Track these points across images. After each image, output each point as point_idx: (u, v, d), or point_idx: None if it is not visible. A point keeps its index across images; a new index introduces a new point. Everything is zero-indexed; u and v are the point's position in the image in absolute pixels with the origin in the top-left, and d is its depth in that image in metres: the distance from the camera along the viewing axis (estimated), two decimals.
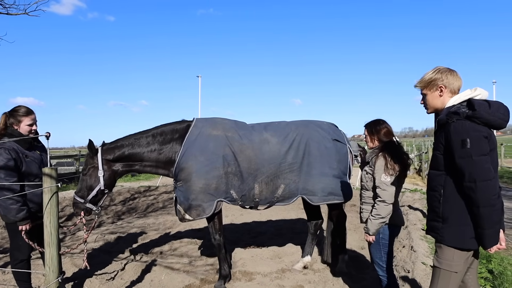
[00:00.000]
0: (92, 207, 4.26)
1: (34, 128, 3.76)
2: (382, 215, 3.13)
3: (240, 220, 8.28)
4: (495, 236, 2.23)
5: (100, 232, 7.19)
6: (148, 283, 4.65)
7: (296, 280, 4.61)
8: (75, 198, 4.27)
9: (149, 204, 10.75)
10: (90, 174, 4.28)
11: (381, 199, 3.13)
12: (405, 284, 4.15)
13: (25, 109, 3.74)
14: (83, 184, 4.29)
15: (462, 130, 2.22)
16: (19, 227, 3.53)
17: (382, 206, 3.13)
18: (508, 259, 5.16)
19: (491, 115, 2.22)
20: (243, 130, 4.62)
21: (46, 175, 2.80)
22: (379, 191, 3.14)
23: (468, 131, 2.21)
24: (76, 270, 4.99)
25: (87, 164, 4.34)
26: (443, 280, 2.39)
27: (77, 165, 17.34)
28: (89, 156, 4.32)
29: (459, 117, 2.26)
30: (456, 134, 2.24)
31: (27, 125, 3.70)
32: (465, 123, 2.24)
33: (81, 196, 4.25)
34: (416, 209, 8.30)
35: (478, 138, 2.20)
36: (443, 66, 2.50)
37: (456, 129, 2.25)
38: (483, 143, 2.21)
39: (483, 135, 2.21)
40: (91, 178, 4.27)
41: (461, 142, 2.21)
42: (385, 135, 3.32)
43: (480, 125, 2.23)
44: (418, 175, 16.61)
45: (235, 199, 4.48)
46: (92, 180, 4.27)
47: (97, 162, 4.27)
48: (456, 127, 2.25)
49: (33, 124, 3.76)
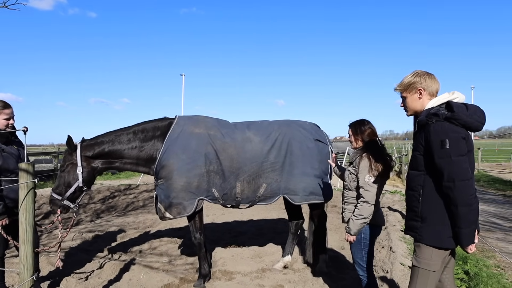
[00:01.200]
0: (69, 205, 4.18)
1: (11, 123, 3.68)
2: (365, 215, 3.15)
3: (221, 220, 8.25)
4: (472, 235, 2.29)
5: (78, 230, 7.05)
6: (126, 282, 4.57)
7: (276, 279, 4.61)
8: (52, 195, 4.18)
9: (129, 203, 10.60)
10: (69, 171, 4.19)
11: (364, 200, 3.15)
12: (383, 284, 4.21)
13: (1, 103, 3.65)
14: (61, 180, 4.20)
15: (441, 131, 2.28)
16: None
17: (365, 206, 3.15)
18: (483, 260, 5.29)
19: (468, 117, 2.29)
20: (226, 128, 4.60)
21: (22, 170, 2.72)
22: (363, 192, 3.16)
23: (447, 132, 2.26)
24: (52, 269, 4.87)
25: (65, 160, 4.25)
26: (421, 279, 2.44)
27: (56, 163, 16.93)
28: (68, 153, 4.24)
29: (438, 118, 2.32)
30: (435, 134, 2.29)
31: (4, 119, 3.62)
32: (444, 124, 2.29)
33: (58, 193, 4.16)
34: (395, 211, 8.43)
35: (456, 139, 2.25)
36: (422, 70, 2.58)
37: (435, 130, 2.30)
38: (462, 144, 2.27)
39: (461, 136, 2.27)
40: (69, 175, 4.18)
41: (440, 143, 2.26)
42: (369, 136, 3.35)
43: (458, 126, 2.29)
44: (398, 177, 16.87)
45: (216, 198, 4.45)
46: (70, 177, 4.18)
47: (76, 159, 4.19)
48: (436, 128, 2.31)
49: (10, 118, 3.67)
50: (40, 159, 20.76)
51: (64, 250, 5.69)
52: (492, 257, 5.65)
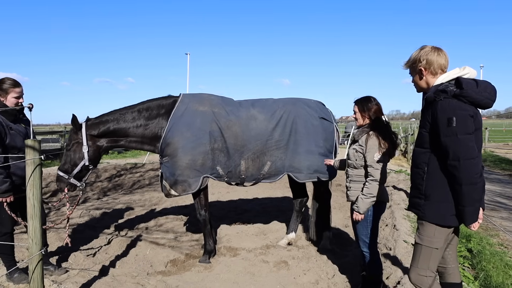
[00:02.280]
0: (76, 183, 4.24)
1: (20, 101, 3.73)
2: (374, 194, 3.15)
3: (226, 198, 8.32)
4: (475, 213, 2.28)
5: (85, 207, 7.16)
6: (133, 257, 4.66)
7: (280, 256, 4.68)
8: (58, 173, 4.22)
9: (135, 181, 10.71)
10: (74, 150, 4.23)
11: (373, 178, 3.14)
12: (386, 260, 4.25)
13: (12, 81, 3.69)
14: (67, 159, 4.24)
15: (449, 109, 2.23)
16: (1, 199, 3.48)
17: (375, 185, 3.15)
18: (486, 238, 5.31)
19: (478, 94, 2.22)
20: (230, 106, 4.59)
21: (29, 147, 2.74)
22: (372, 170, 3.15)
23: (455, 109, 2.22)
24: (61, 244, 4.96)
25: (71, 139, 4.28)
26: (424, 256, 2.44)
27: (62, 142, 17.05)
28: (73, 132, 4.27)
29: (446, 95, 2.26)
30: (442, 112, 2.24)
31: (14, 97, 3.67)
32: (452, 101, 2.24)
33: (65, 171, 4.21)
34: (400, 190, 8.43)
35: (464, 117, 2.20)
36: (429, 46, 2.47)
37: (443, 107, 2.25)
38: (469, 122, 2.22)
39: (469, 114, 2.22)
40: (75, 154, 4.22)
41: (447, 121, 2.21)
42: (375, 113, 3.30)
43: (467, 104, 2.23)
44: (404, 156, 16.82)
45: (221, 175, 4.48)
46: (76, 156, 4.22)
47: (81, 138, 4.21)
48: (443, 105, 2.26)
49: (20, 97, 3.72)
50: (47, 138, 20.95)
51: (72, 226, 5.79)
52: (495, 236, 5.67)
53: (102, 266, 4.31)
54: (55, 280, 3.69)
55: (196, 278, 4.09)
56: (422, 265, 2.44)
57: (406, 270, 3.85)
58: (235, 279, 4.03)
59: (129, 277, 4.03)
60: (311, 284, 3.92)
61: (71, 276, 3.94)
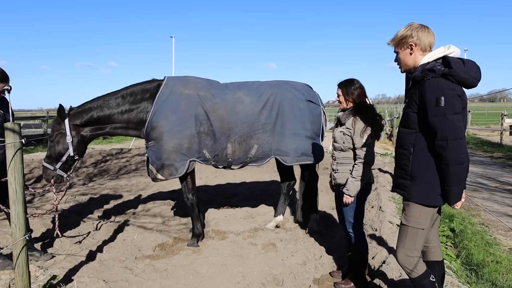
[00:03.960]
0: (62, 174, 4.18)
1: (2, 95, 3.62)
2: (363, 176, 3.18)
3: (214, 182, 8.32)
4: (460, 193, 2.30)
5: (71, 193, 7.07)
6: (120, 242, 4.64)
7: (268, 238, 4.72)
8: (44, 165, 4.16)
9: (122, 166, 10.61)
10: (58, 141, 4.15)
11: (362, 161, 3.16)
12: (372, 241, 4.33)
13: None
14: (52, 151, 4.17)
15: (437, 88, 2.21)
16: None
17: (364, 167, 3.17)
18: (468, 218, 5.45)
19: (465, 74, 2.21)
20: (216, 89, 4.54)
21: (8, 129, 2.66)
22: (360, 153, 3.16)
23: (443, 89, 2.20)
24: (45, 229, 4.91)
25: (54, 130, 4.19)
26: (411, 237, 2.46)
27: (45, 127, 16.78)
28: (56, 122, 4.17)
29: (434, 74, 2.25)
30: (431, 91, 2.22)
31: None
32: (440, 81, 2.23)
33: (50, 163, 4.14)
34: (386, 172, 8.56)
35: (452, 97, 2.19)
36: (416, 23, 2.45)
37: (431, 87, 2.23)
38: (457, 102, 2.21)
39: (457, 93, 2.21)
40: (59, 145, 4.15)
41: (435, 100, 2.20)
42: (359, 96, 3.29)
43: (454, 83, 2.23)
44: (389, 140, 17.03)
45: (208, 159, 4.46)
46: (60, 147, 4.15)
47: (64, 128, 4.13)
48: (431, 84, 2.24)
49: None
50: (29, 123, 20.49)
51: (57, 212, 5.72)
52: (477, 215, 5.82)
53: (89, 251, 4.28)
54: (41, 265, 3.66)
55: (185, 261, 4.10)
56: (409, 245, 2.46)
57: (391, 250, 3.93)
58: (223, 262, 4.05)
59: (117, 261, 4.01)
60: (299, 265, 3.97)
61: (58, 262, 3.91)
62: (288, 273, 3.79)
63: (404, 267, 2.50)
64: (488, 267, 3.68)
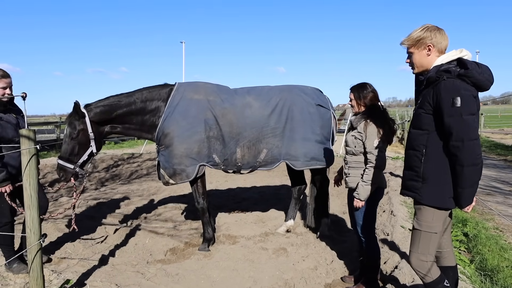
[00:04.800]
0: (81, 172, 4.20)
1: (7, 92, 3.64)
2: (374, 180, 3.16)
3: (224, 186, 8.33)
4: (472, 195, 2.28)
5: (83, 198, 7.15)
6: (132, 246, 4.68)
7: (279, 243, 4.71)
8: (62, 164, 4.12)
9: (133, 171, 10.70)
10: (80, 138, 4.14)
11: (373, 165, 3.15)
12: (384, 246, 4.29)
13: (1, 72, 3.62)
14: (72, 148, 4.14)
15: (453, 89, 2.20)
16: (0, 189, 3.47)
17: (375, 171, 3.15)
18: (482, 223, 5.37)
19: (480, 75, 2.21)
20: (225, 94, 4.57)
21: (24, 136, 2.72)
22: (371, 157, 3.14)
23: (459, 89, 2.19)
24: (60, 234, 4.97)
25: (74, 127, 4.15)
26: (424, 241, 2.43)
27: (58, 132, 17.02)
28: (75, 119, 4.15)
29: (450, 75, 2.24)
30: (446, 92, 2.22)
31: (1, 87, 3.58)
32: (456, 81, 2.22)
33: (69, 161, 4.12)
34: (397, 176, 8.48)
35: (468, 97, 2.19)
36: (432, 24, 2.44)
37: (446, 87, 2.22)
38: (472, 103, 2.20)
39: (472, 94, 2.21)
40: (81, 143, 4.15)
41: (451, 101, 2.19)
42: (371, 100, 3.28)
43: (469, 84, 2.22)
44: (400, 143, 16.86)
45: (217, 163, 4.49)
46: (82, 144, 4.15)
47: (86, 125, 4.14)
48: (447, 85, 2.23)
49: (7, 87, 3.63)
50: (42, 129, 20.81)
51: (70, 216, 5.78)
52: (491, 220, 5.73)
53: (102, 255, 4.32)
54: (54, 269, 3.71)
55: (196, 266, 4.12)
56: (422, 250, 2.43)
57: (403, 255, 3.89)
58: (234, 267, 4.06)
59: (129, 265, 4.05)
60: (310, 270, 3.95)
61: (71, 266, 3.96)
62: (299, 278, 3.78)
63: (417, 271, 2.48)
64: (503, 273, 3.61)
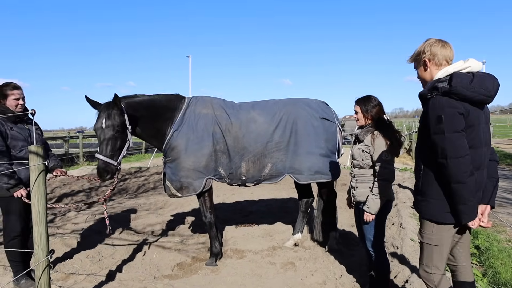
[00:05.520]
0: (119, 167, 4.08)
1: (21, 103, 3.78)
2: (384, 193, 3.14)
3: (231, 200, 8.31)
4: (469, 211, 2.24)
5: (90, 212, 7.16)
6: (139, 261, 4.66)
7: (287, 257, 4.66)
8: (106, 161, 3.89)
9: (140, 185, 10.72)
10: (122, 132, 4.00)
11: (383, 177, 3.13)
12: (394, 259, 4.23)
13: (12, 84, 3.78)
14: (115, 143, 3.95)
15: (438, 106, 2.22)
16: (16, 194, 3.55)
17: (384, 184, 3.13)
18: (494, 235, 5.27)
19: (469, 91, 2.18)
20: (231, 109, 4.62)
21: (32, 152, 2.74)
22: (380, 170, 3.13)
23: (443, 107, 2.20)
24: (67, 250, 4.97)
25: (116, 120, 3.94)
26: (426, 253, 2.47)
27: (66, 147, 17.19)
28: (116, 112, 3.95)
29: (437, 92, 2.25)
30: (433, 110, 2.25)
31: (14, 99, 3.72)
32: (442, 99, 2.22)
33: (111, 156, 3.91)
34: (405, 188, 8.41)
35: (452, 115, 2.19)
36: (433, 38, 2.45)
37: (433, 105, 2.25)
38: (457, 120, 2.19)
39: (458, 111, 2.19)
40: (123, 136, 4.02)
41: (436, 118, 2.21)
42: (377, 113, 3.28)
43: (458, 101, 2.20)
44: (408, 154, 16.75)
45: (223, 177, 4.52)
46: (124, 138, 4.03)
47: (125, 119, 4.03)
48: (434, 102, 2.25)
49: (19, 98, 3.76)
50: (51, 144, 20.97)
51: (78, 232, 5.80)
52: (503, 232, 5.63)
53: (109, 271, 4.31)
54: (62, 285, 3.70)
55: (203, 281, 4.08)
56: (427, 262, 2.46)
57: (413, 269, 3.82)
58: (242, 282, 4.02)
59: (136, 281, 4.02)
60: (319, 285, 3.90)
61: (78, 282, 3.94)
62: None
63: (426, 283, 2.50)
64: None
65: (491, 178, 2.44)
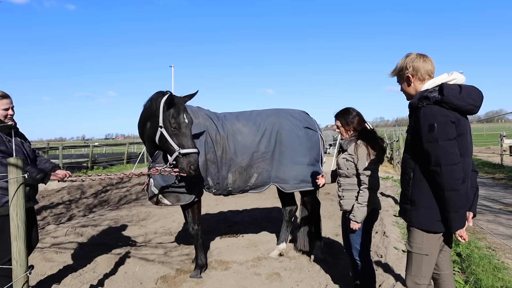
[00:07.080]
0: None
1: (10, 113, 3.54)
2: (369, 201, 3.16)
3: (215, 210, 8.25)
4: (460, 220, 2.27)
5: (71, 225, 6.99)
6: (122, 275, 4.55)
7: (272, 267, 4.63)
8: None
9: (122, 196, 10.55)
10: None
11: (367, 186, 3.15)
12: (378, 268, 4.25)
13: (0, 93, 3.53)
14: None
15: (430, 115, 2.26)
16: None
17: (370, 192, 3.16)
18: (475, 242, 5.37)
19: (460, 100, 2.24)
20: (217, 120, 4.64)
21: (11, 165, 2.66)
22: (365, 178, 3.16)
23: (436, 116, 2.24)
24: (47, 264, 4.81)
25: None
26: (415, 263, 2.45)
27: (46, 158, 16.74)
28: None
29: (428, 101, 2.29)
30: (424, 118, 2.28)
31: (3, 109, 3.48)
32: (434, 108, 2.27)
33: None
34: (388, 196, 8.52)
35: (445, 123, 2.23)
36: (414, 53, 2.51)
37: (425, 114, 2.28)
38: (449, 128, 2.24)
39: (450, 120, 2.24)
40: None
41: (428, 127, 2.24)
42: (358, 124, 3.33)
43: (449, 110, 2.26)
44: (390, 163, 17.01)
45: (210, 186, 4.50)
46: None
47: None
48: (425, 111, 2.29)
49: (9, 108, 3.54)
50: None
51: (58, 245, 5.64)
52: (483, 239, 5.73)
53: (90, 285, 4.19)
54: None
55: None
56: (415, 272, 2.44)
57: (398, 277, 3.85)
58: None
59: None
60: None
61: None
62: None
63: None
64: None
65: (472, 188, 2.49)
